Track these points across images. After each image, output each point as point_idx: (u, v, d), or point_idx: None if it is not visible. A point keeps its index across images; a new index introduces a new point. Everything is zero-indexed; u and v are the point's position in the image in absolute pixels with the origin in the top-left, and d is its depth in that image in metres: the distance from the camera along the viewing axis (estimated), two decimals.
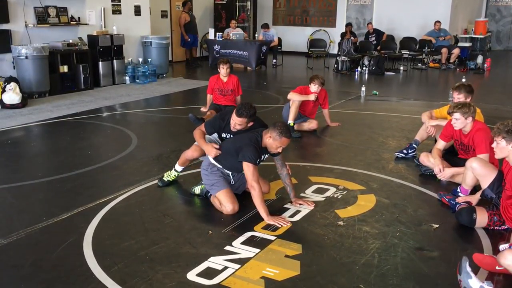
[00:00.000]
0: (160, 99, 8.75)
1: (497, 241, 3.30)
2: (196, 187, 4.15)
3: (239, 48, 12.17)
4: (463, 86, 4.89)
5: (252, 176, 3.61)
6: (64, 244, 3.27)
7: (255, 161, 3.66)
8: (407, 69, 12.48)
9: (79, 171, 4.77)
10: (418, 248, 3.29)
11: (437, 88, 10.71)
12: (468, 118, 4.20)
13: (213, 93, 6.96)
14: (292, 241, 3.33)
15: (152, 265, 3.01)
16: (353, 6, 15.48)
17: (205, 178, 3.94)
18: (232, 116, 3.96)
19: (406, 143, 5.46)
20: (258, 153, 3.69)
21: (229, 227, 3.53)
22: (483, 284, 2.64)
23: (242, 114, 3.90)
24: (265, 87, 10.32)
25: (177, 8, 13.64)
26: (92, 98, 8.44)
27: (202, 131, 4.09)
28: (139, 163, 5.01)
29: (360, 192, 4.26)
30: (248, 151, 3.64)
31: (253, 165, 3.63)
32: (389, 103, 8.48)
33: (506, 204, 3.44)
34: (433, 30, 12.97)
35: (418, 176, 4.70)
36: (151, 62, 10.45)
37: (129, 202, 4.01)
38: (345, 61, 12.02)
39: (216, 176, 3.88)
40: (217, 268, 2.98)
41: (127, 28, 10.21)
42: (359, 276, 2.93)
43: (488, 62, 12.25)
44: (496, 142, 3.34)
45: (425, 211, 3.93)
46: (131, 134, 6.13)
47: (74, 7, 9.26)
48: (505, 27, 17.52)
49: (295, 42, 15.58)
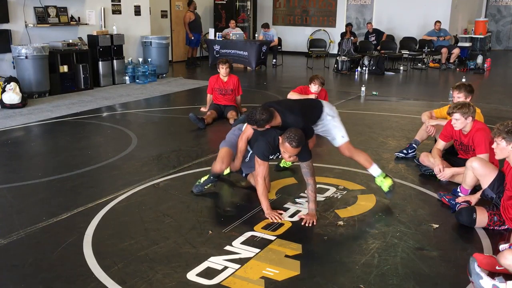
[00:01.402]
0: (160, 99, 8.75)
1: (497, 241, 3.30)
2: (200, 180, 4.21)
3: (239, 48, 12.18)
4: (463, 86, 4.89)
5: (258, 169, 3.67)
6: (64, 244, 3.27)
7: (264, 157, 3.67)
8: (407, 69, 12.49)
9: (79, 171, 4.77)
10: (418, 248, 3.29)
11: (437, 88, 10.71)
12: (468, 118, 4.20)
13: (213, 93, 6.96)
14: (292, 241, 3.33)
15: (152, 265, 3.01)
16: (353, 6, 15.48)
17: (229, 134, 4.21)
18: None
19: (406, 143, 5.46)
20: (270, 150, 3.69)
21: (229, 227, 3.53)
22: (495, 281, 2.63)
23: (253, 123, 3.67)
24: (265, 87, 10.32)
25: (177, 8, 13.65)
26: (92, 98, 8.44)
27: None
28: (139, 163, 5.01)
29: (360, 192, 4.26)
30: (261, 146, 3.68)
31: (261, 160, 3.66)
32: (389, 103, 8.48)
33: (506, 204, 3.44)
34: (433, 30, 12.97)
35: (418, 176, 4.70)
36: (151, 62, 10.45)
37: (129, 202, 4.01)
38: (345, 61, 12.02)
39: (235, 139, 4.05)
40: (217, 268, 2.98)
41: (127, 28, 10.21)
42: (359, 276, 2.93)
43: (488, 62, 12.26)
44: (496, 142, 3.34)
45: (425, 211, 3.93)
46: (131, 134, 6.13)
47: (74, 7, 9.26)
48: (505, 27, 17.52)
49: (295, 42, 15.59)
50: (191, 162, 5.00)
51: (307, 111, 3.86)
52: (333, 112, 3.98)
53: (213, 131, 6.43)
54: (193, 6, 12.77)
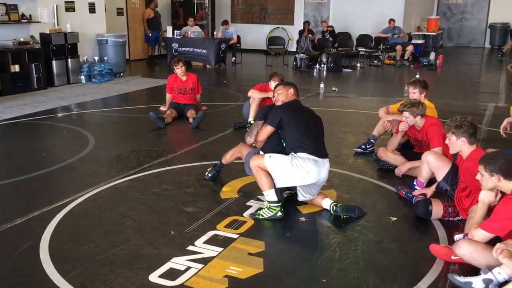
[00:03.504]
0: (118, 98, 8.57)
1: (452, 231, 3.42)
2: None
3: (197, 46, 12.08)
4: (418, 82, 5.06)
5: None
6: (19, 250, 3.16)
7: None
8: (364, 66, 12.75)
9: (34, 173, 4.61)
10: (377, 241, 3.37)
11: (393, 84, 10.99)
12: (416, 116, 4.38)
13: (172, 92, 6.88)
14: (255, 239, 3.34)
15: (112, 268, 2.95)
16: (310, 4, 15.65)
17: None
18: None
19: (364, 139, 5.58)
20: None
21: (191, 227, 3.50)
22: (481, 276, 2.70)
23: None
24: (225, 85, 10.30)
25: (134, 5, 13.40)
26: (46, 98, 8.17)
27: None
28: (97, 164, 4.90)
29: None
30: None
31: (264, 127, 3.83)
32: (347, 100, 8.63)
33: (460, 196, 3.57)
34: (388, 28, 13.29)
35: (376, 170, 4.81)
36: (107, 61, 10.22)
37: (87, 205, 3.91)
38: (304, 58, 12.14)
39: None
40: (180, 269, 2.96)
41: (81, 26, 9.93)
42: (322, 271, 2.98)
43: (440, 58, 12.66)
44: (448, 138, 3.49)
45: (384, 204, 4.03)
46: (88, 135, 5.97)
47: (25, 4, 8.93)
48: (455, 24, 18.16)
49: (254, 39, 15.61)
50: (151, 162, 4.93)
51: (292, 134, 3.74)
52: (302, 167, 3.61)
53: (173, 131, 6.36)
54: (154, 3, 12.60)
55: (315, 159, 3.62)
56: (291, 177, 3.62)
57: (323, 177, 3.74)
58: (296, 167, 3.58)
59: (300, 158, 3.60)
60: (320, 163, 3.66)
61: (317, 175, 3.63)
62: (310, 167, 3.59)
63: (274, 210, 3.65)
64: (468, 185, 3.43)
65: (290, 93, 3.97)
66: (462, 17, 17.99)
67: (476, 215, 3.02)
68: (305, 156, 3.61)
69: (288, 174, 3.61)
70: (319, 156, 3.66)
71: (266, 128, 3.78)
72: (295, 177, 3.61)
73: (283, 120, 3.73)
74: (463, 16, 17.96)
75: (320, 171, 3.66)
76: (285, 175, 3.62)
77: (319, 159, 3.66)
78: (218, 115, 7.14)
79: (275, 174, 3.63)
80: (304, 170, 3.58)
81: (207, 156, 5.20)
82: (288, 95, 3.96)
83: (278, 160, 3.63)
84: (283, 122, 3.73)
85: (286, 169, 3.60)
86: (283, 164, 3.61)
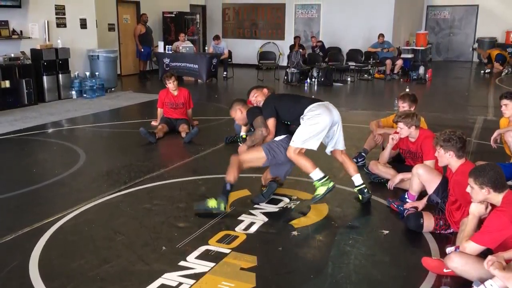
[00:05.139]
0: (109, 113, 8.56)
1: (443, 244, 3.43)
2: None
3: (189, 61, 12.13)
4: (408, 96, 5.11)
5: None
6: (8, 267, 3.12)
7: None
8: (354, 80, 12.86)
9: (24, 189, 4.57)
10: (370, 254, 3.37)
11: (383, 98, 11.08)
12: (411, 127, 4.41)
13: (164, 107, 6.88)
14: (247, 253, 3.32)
15: (103, 285, 2.92)
16: (301, 19, 15.81)
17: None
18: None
19: (355, 152, 5.60)
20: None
21: (183, 242, 3.48)
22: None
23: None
24: (216, 99, 10.32)
25: (125, 21, 13.45)
26: (37, 114, 8.14)
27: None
28: (88, 180, 4.87)
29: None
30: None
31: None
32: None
33: (451, 208, 3.59)
34: (377, 43, 13.44)
35: (368, 183, 4.81)
36: (98, 76, 10.21)
37: (78, 221, 3.87)
38: (295, 72, 12.22)
39: None
40: (172, 285, 2.93)
41: (72, 41, 9.94)
42: (315, 285, 2.96)
43: (429, 72, 12.80)
44: (437, 151, 3.53)
45: (375, 217, 4.04)
46: (79, 150, 5.94)
47: (15, 20, 8.93)
48: (444, 39, 18.41)
49: (245, 54, 15.70)
50: (142, 177, 4.91)
51: (289, 107, 4.23)
52: (313, 114, 4.06)
53: (165, 145, 6.35)
54: (144, 18, 12.65)
55: (318, 104, 4.13)
56: (312, 129, 4.01)
57: (335, 116, 4.13)
58: (308, 120, 4.03)
59: (308, 113, 4.05)
60: (325, 104, 4.17)
61: (328, 114, 4.06)
62: (318, 110, 4.05)
63: (326, 184, 4.04)
64: (458, 198, 3.45)
65: (265, 92, 4.59)
66: (450, 32, 18.24)
67: (467, 228, 3.04)
68: (308, 108, 4.08)
69: (308, 132, 4.01)
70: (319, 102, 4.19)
71: (269, 121, 4.17)
72: (314, 128, 4.01)
73: (276, 106, 4.20)
74: (451, 30, 18.22)
75: (328, 108, 4.11)
76: (307, 133, 4.01)
77: (321, 102, 4.18)
78: (209, 129, 7.15)
79: (305, 138, 4.01)
80: (315, 116, 4.02)
81: (198, 170, 5.19)
82: (264, 94, 4.56)
83: (299, 129, 4.05)
84: (277, 107, 4.19)
85: (305, 127, 4.03)
86: (301, 128, 4.04)
